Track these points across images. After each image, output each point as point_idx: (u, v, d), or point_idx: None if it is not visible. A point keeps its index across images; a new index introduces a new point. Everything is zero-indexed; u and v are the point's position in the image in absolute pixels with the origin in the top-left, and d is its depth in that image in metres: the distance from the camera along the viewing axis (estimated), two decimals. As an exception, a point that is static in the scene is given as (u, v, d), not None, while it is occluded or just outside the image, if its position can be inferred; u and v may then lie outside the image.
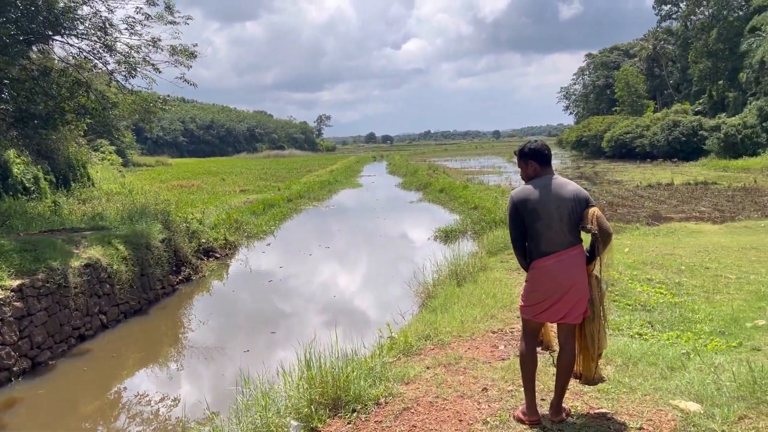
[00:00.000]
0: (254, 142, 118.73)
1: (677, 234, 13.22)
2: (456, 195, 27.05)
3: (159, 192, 29.24)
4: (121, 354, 9.65)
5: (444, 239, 17.25)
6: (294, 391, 4.10)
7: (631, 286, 7.24)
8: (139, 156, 69.13)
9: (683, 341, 4.93)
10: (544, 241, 3.71)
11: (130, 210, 14.83)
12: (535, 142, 4.01)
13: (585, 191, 3.85)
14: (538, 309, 3.75)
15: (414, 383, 4.36)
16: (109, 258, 11.04)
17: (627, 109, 59.06)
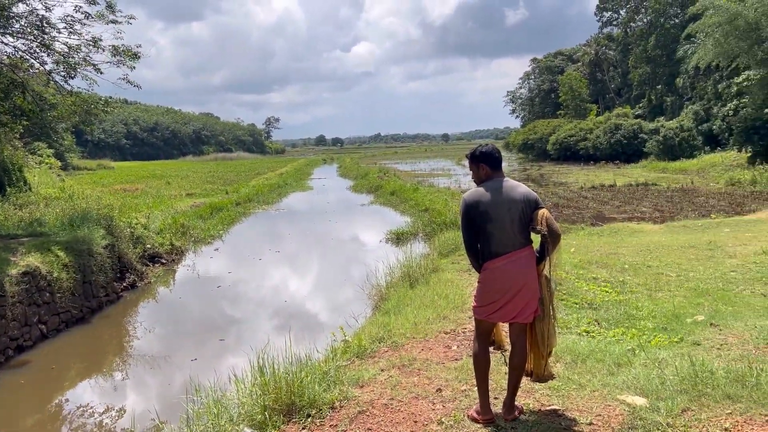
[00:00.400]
0: (201, 145, 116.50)
1: (620, 234, 13.64)
2: (407, 197, 27.21)
3: (101, 196, 28.30)
4: (62, 364, 9.29)
5: (396, 241, 17.31)
6: (247, 398, 4.03)
7: (578, 285, 7.43)
8: (80, 159, 66.91)
9: (628, 338, 5.09)
10: (495, 243, 3.78)
11: (71, 215, 14.29)
12: (486, 145, 4.09)
13: (534, 193, 3.94)
14: (490, 309, 3.81)
15: (369, 386, 4.35)
16: (49, 265, 10.62)
17: (571, 113, 60.72)
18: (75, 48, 16.30)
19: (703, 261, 9.57)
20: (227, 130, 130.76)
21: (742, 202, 21.20)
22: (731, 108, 34.85)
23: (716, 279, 8.21)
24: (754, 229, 12.90)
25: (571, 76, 62.16)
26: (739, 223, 13.92)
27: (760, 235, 11.73)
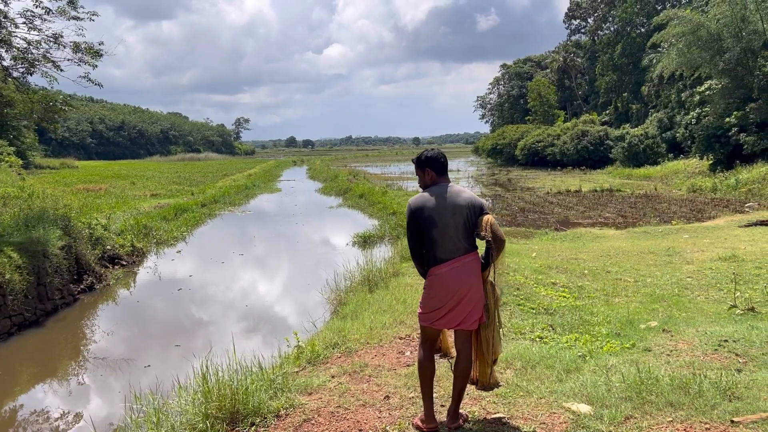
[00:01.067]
0: (168, 145, 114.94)
1: (583, 239, 13.79)
2: (375, 200, 27.20)
3: (62, 196, 27.66)
4: (11, 369, 8.99)
5: (362, 245, 17.25)
6: (190, 406, 3.90)
7: (536, 290, 7.46)
8: (43, 158, 65.46)
9: (581, 343, 5.10)
10: (439, 249, 3.74)
11: (27, 215, 13.89)
12: (431, 150, 4.05)
13: (480, 199, 3.91)
14: (435, 316, 3.77)
15: (317, 393, 4.26)
16: (1, 266, 10.29)
17: (539, 119, 61.47)
18: (35, 44, 15.92)
19: (661, 267, 9.72)
20: (195, 131, 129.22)
21: (702, 208, 21.68)
22: (693, 116, 35.67)
23: (672, 285, 8.34)
24: (711, 235, 13.17)
25: (540, 83, 62.93)
26: (698, 229, 14.20)
27: (717, 242, 11.98)
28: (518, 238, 15.39)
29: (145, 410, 3.95)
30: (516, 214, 23.61)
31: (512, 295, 6.95)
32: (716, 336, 4.98)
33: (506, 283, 6.57)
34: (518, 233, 16.90)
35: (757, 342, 4.72)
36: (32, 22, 15.72)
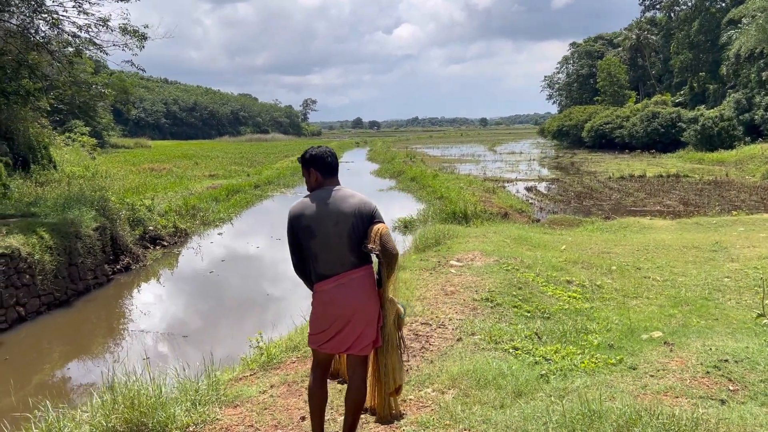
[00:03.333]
0: (238, 125, 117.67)
1: (627, 230, 12.94)
2: (425, 184, 26.75)
3: (124, 176, 28.72)
4: (33, 348, 9.22)
5: (403, 230, 16.91)
6: (100, 417, 3.63)
7: (542, 289, 6.91)
8: (119, 138, 68.10)
9: (559, 357, 4.59)
10: (321, 263, 3.29)
11: (67, 197, 14.30)
12: (318, 147, 3.53)
13: (371, 204, 3.38)
14: (322, 338, 3.32)
15: (242, 406, 3.96)
16: (31, 247, 10.57)
17: (608, 99, 58.81)
18: (85, 28, 16.25)
19: (700, 264, 8.89)
20: (264, 112, 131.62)
21: (774, 197, 20.07)
22: (774, 97, 33.07)
23: (704, 286, 7.57)
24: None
25: (610, 62, 60.05)
26: (756, 221, 13.02)
27: (775, 236, 10.92)
28: (560, 228, 14.64)
29: (48, 418, 3.73)
30: (570, 200, 22.65)
31: (510, 295, 6.45)
32: (719, 353, 4.36)
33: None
34: (564, 221, 16.10)
35: (761, 365, 4.08)
36: (81, 6, 16.02)
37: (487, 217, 16.49)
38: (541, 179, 30.69)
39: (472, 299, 6.21)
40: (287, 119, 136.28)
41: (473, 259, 8.22)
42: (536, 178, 31.21)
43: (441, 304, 6.09)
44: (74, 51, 16.48)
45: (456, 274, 7.36)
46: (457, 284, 6.82)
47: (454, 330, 5.27)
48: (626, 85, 60.97)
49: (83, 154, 35.09)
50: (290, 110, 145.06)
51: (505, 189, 25.45)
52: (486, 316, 5.68)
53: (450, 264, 7.92)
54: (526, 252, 8.96)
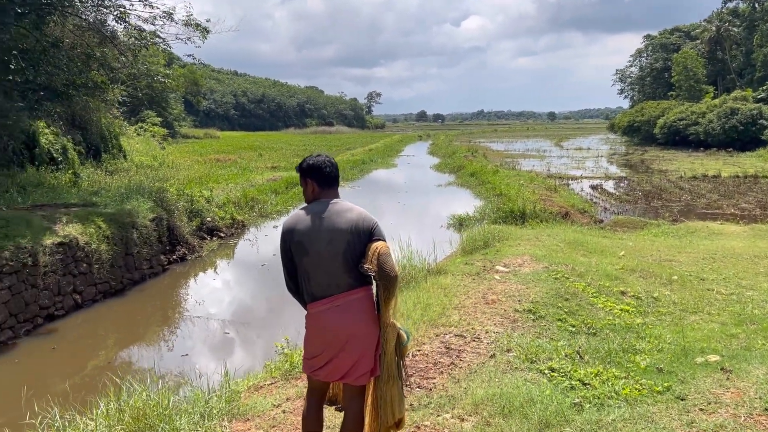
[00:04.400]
0: (304, 118, 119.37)
1: (695, 235, 12.16)
2: (485, 180, 26.23)
3: (191, 165, 29.51)
4: (84, 335, 9.47)
5: (458, 227, 16.56)
6: (104, 428, 3.54)
7: (592, 300, 6.47)
8: (189, 128, 70.13)
9: (598, 382, 4.21)
10: (313, 283, 3.03)
11: (127, 187, 14.71)
12: (316, 156, 3.25)
13: (371, 220, 3.09)
14: (314, 364, 3.07)
15: (252, 421, 3.80)
16: (89, 236, 10.88)
17: (684, 95, 56.06)
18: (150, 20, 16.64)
19: (773, 277, 8.19)
20: (330, 104, 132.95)
21: None
22: None
23: (776, 302, 6.93)
24: None
25: (687, 55, 57.12)
26: (842, 230, 11.98)
27: None
28: (623, 230, 13.94)
29: (52, 424, 3.66)
30: (637, 200, 21.70)
31: (556, 307, 6.06)
32: (784, 387, 3.90)
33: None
34: (628, 223, 15.35)
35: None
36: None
37: (546, 217, 15.91)
38: (608, 177, 29.56)
39: (514, 310, 5.87)
40: (352, 112, 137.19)
41: (521, 265, 7.84)
42: (602, 175, 30.07)
43: (480, 314, 5.79)
44: (139, 44, 16.92)
45: (500, 280, 7.02)
46: (500, 292, 6.48)
47: (489, 344, 4.97)
48: (703, 79, 57.92)
49: (153, 144, 36.21)
50: (355, 103, 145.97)
51: (568, 187, 24.62)
52: (526, 330, 5.35)
53: (495, 269, 7.58)
54: (579, 258, 8.49)
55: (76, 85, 16.83)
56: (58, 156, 20.53)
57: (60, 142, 21.08)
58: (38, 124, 19.71)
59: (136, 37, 16.80)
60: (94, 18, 15.53)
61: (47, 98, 16.29)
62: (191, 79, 69.68)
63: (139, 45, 16.89)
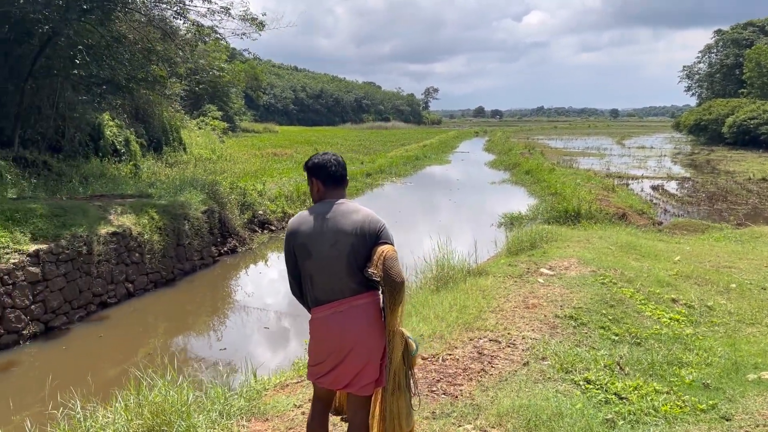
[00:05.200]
0: (361, 113, 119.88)
1: (758, 241, 11.49)
2: (540, 178, 25.70)
3: (248, 159, 30.07)
4: (143, 322, 9.72)
5: (509, 226, 16.23)
6: (122, 422, 3.53)
7: (640, 308, 6.15)
8: (249, 122, 71.50)
9: (636, 396, 3.96)
10: (317, 287, 2.90)
11: (181, 179, 15.07)
12: (323, 154, 3.12)
13: (378, 222, 2.92)
14: (319, 371, 2.95)
15: (271, 421, 3.73)
16: (141, 227, 11.19)
17: (756, 92, 53.28)
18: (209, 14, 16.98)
19: (844, 289, 7.62)
20: (387, 100, 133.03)
21: None
22: None
23: (844, 316, 6.44)
24: None
25: (761, 50, 54.19)
26: None
27: None
28: (681, 233, 13.35)
29: (74, 416, 3.69)
30: (700, 202, 20.79)
31: (600, 313, 5.78)
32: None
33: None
34: (689, 226, 14.69)
35: None
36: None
37: (602, 218, 15.43)
38: (671, 177, 28.44)
39: (555, 315, 5.65)
40: (408, 107, 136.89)
41: (567, 268, 7.56)
42: (665, 176, 28.96)
43: (518, 318, 5.59)
44: (197, 39, 17.29)
45: (543, 284, 6.77)
46: (542, 296, 6.26)
47: (523, 351, 4.77)
48: (779, 76, 54.91)
49: (213, 137, 37.06)
50: (412, 98, 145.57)
51: (627, 187, 23.82)
52: (565, 338, 5.12)
53: (540, 272, 7.33)
54: (631, 262, 8.13)
55: (137, 79, 17.36)
56: (121, 148, 21.26)
57: (123, 134, 21.82)
58: (103, 117, 20.46)
59: (195, 32, 17.16)
60: (154, 14, 15.94)
61: (110, 92, 16.84)
62: (251, 74, 71.02)
63: (196, 40, 17.25)
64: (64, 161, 16.73)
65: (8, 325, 8.30)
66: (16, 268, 8.57)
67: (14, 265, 8.54)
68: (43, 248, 9.05)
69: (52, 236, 9.43)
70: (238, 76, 59.54)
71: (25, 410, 5.79)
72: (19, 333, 8.45)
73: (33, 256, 8.87)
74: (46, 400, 4.82)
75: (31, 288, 8.78)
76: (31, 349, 8.18)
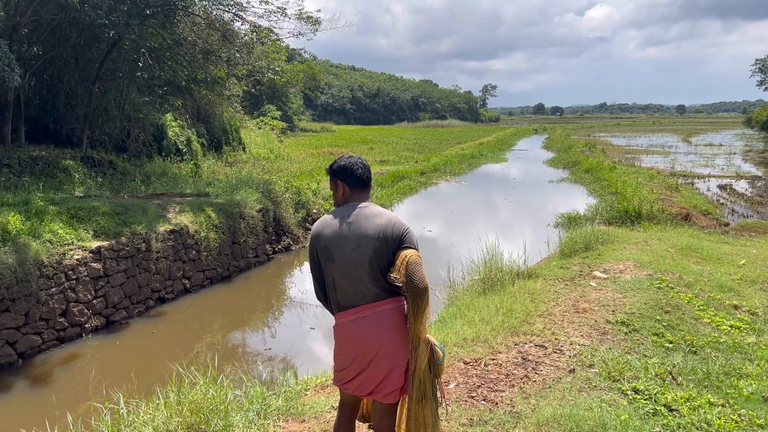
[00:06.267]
0: (417, 111, 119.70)
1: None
2: (600, 176, 25.03)
3: (305, 158, 30.53)
4: (200, 317, 9.97)
5: (566, 226, 15.85)
6: (162, 419, 3.59)
7: (698, 314, 5.85)
8: (308, 122, 72.54)
9: (687, 409, 3.75)
10: (340, 291, 2.85)
11: (237, 178, 15.39)
12: (348, 157, 3.07)
13: (402, 226, 2.84)
14: (344, 377, 2.90)
15: (308, 422, 3.72)
16: (198, 225, 11.49)
17: (838, 86, 50.24)
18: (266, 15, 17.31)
19: None
20: (443, 98, 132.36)
21: None
22: None
23: None
24: None
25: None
26: None
27: None
28: (749, 235, 12.71)
29: (126, 412, 3.78)
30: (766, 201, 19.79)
31: (654, 319, 5.53)
32: None
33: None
34: (758, 228, 13.97)
35: None
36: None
37: (664, 218, 14.86)
38: (740, 176, 27.15)
39: (605, 321, 5.45)
40: (465, 105, 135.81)
41: (622, 271, 7.29)
42: (734, 174, 27.67)
43: (567, 323, 5.42)
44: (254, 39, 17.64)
45: (596, 287, 6.55)
46: (593, 301, 6.05)
47: (570, 358, 4.62)
48: None
49: (272, 137, 37.78)
50: (469, 96, 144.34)
51: (692, 186, 22.90)
52: (615, 344, 4.93)
53: (593, 275, 7.10)
54: (691, 266, 7.77)
55: (196, 80, 17.87)
56: (182, 147, 21.92)
57: (185, 134, 22.49)
58: (166, 118, 21.16)
59: (251, 33, 17.51)
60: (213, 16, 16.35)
61: (171, 93, 17.37)
62: (310, 74, 72.01)
63: (254, 42, 17.59)
64: (129, 161, 17.38)
65: (72, 318, 8.67)
66: (80, 263, 8.94)
67: (78, 261, 8.91)
68: (105, 245, 9.41)
69: (114, 233, 9.79)
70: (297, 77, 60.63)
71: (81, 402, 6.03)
72: (82, 326, 8.81)
73: (95, 252, 9.23)
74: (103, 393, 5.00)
75: (94, 283, 9.14)
76: (92, 342, 8.52)
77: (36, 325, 8.12)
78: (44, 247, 8.38)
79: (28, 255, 8.11)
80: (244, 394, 3.97)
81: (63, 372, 7.43)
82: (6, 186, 11.70)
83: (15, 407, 6.52)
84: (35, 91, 16.09)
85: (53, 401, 6.08)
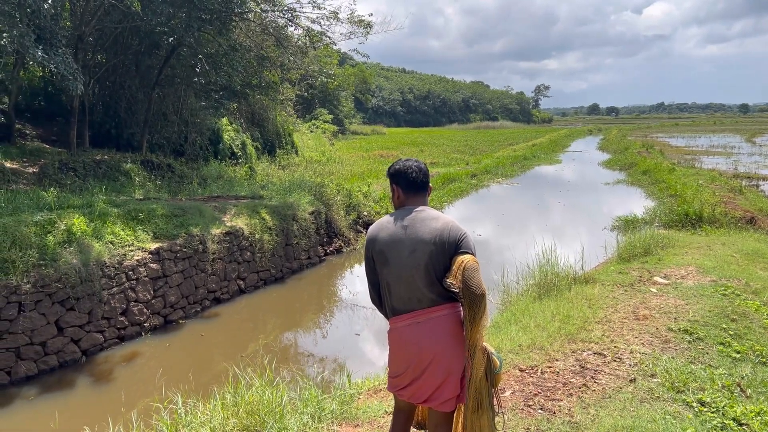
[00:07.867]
0: (467, 113, 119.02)
1: None
2: (658, 178, 24.26)
3: (356, 161, 30.74)
4: (254, 318, 10.15)
5: (623, 230, 15.44)
6: (219, 419, 3.62)
7: (765, 323, 5.58)
8: (359, 125, 73.12)
9: (758, 423, 3.55)
10: (394, 296, 2.81)
11: (291, 181, 15.60)
12: (405, 160, 3.01)
13: (459, 230, 2.78)
14: (398, 383, 2.86)
15: (362, 427, 3.71)
16: (252, 227, 11.69)
17: None
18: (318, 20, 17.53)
19: None
20: (495, 99, 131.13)
21: None
22: None
23: None
24: None
25: None
26: None
27: None
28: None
29: (179, 414, 3.84)
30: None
31: (719, 328, 5.29)
32: None
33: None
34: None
35: None
36: (316, 0, 17.26)
37: (727, 222, 14.28)
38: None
39: (667, 329, 5.25)
40: (517, 106, 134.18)
41: (684, 277, 7.02)
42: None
43: (626, 330, 5.25)
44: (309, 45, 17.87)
45: (656, 294, 6.32)
46: (654, 307, 5.84)
47: (631, 366, 4.46)
48: None
49: (324, 140, 38.21)
50: (521, 97, 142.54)
51: (757, 188, 21.93)
52: (678, 353, 4.74)
53: (653, 281, 6.86)
54: (758, 272, 7.42)
55: (251, 85, 18.23)
56: (237, 151, 22.40)
57: (240, 138, 22.98)
58: (222, 122, 21.67)
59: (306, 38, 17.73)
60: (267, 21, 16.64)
61: (226, 98, 17.77)
62: (361, 77, 72.54)
63: (308, 46, 17.82)
64: (186, 164, 17.87)
65: (132, 317, 8.95)
66: (139, 264, 9.22)
67: (138, 261, 9.20)
68: (163, 246, 9.68)
69: (172, 235, 10.06)
70: (348, 80, 61.20)
71: (141, 399, 6.20)
72: (141, 325, 9.08)
73: (154, 253, 9.51)
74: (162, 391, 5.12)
75: (152, 283, 9.41)
76: (151, 341, 8.77)
77: (98, 324, 8.40)
78: (106, 248, 8.68)
79: (92, 256, 8.41)
80: (298, 396, 4.00)
81: (123, 370, 7.67)
82: (71, 189, 12.20)
83: (79, 403, 6.77)
84: (99, 97, 16.74)
85: (115, 398, 6.28)
